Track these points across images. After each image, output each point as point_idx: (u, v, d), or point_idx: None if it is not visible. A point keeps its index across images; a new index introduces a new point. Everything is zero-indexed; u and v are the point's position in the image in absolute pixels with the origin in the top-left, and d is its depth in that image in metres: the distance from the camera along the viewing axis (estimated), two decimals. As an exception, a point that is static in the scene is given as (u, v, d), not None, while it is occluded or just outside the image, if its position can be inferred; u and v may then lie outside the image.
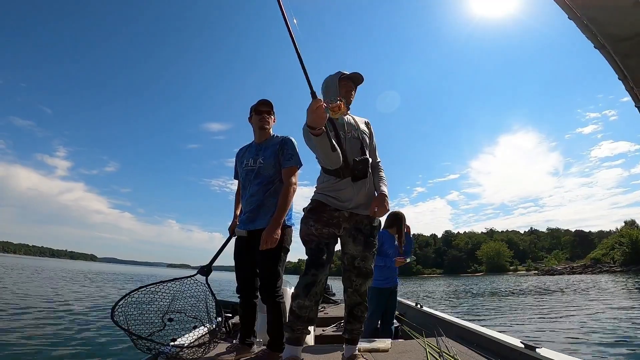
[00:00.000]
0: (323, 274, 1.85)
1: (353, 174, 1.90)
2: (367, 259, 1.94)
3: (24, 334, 4.88)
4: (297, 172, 2.27)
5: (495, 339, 2.28)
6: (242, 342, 2.28)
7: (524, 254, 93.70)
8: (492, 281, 35.21)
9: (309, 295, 1.81)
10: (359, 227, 1.95)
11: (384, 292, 3.20)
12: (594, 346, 4.89)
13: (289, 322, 1.86)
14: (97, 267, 67.44)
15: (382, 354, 2.28)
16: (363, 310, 1.98)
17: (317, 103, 1.59)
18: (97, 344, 4.68)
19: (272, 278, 2.14)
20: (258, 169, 2.27)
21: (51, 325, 5.69)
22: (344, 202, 1.91)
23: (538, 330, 6.43)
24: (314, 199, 1.98)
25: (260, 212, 2.21)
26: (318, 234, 1.89)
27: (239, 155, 2.48)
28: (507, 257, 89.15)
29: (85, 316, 6.65)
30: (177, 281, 2.26)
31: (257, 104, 2.37)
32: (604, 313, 8.28)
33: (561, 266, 58.68)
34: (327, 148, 1.74)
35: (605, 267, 46.37)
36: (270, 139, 2.36)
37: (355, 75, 1.99)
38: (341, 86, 1.97)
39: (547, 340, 5.37)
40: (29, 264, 45.73)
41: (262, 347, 2.28)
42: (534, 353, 1.90)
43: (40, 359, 3.89)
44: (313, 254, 1.87)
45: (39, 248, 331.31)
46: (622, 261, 46.36)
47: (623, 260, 46.37)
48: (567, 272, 48.11)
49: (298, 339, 1.86)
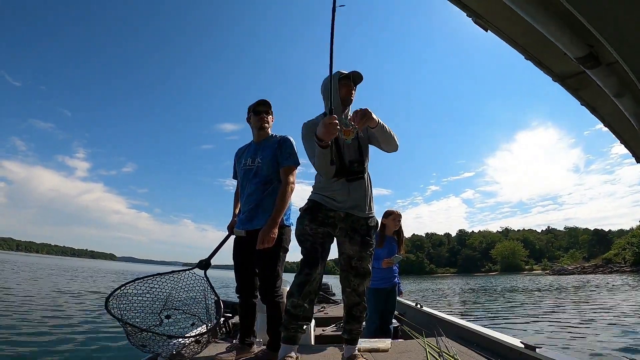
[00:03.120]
0: (317, 273, 1.86)
1: (349, 175, 1.91)
2: (364, 258, 1.94)
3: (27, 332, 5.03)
4: (295, 171, 2.28)
5: (495, 339, 2.25)
6: (242, 342, 2.29)
7: (540, 253, 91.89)
8: (502, 280, 35.21)
9: (303, 294, 1.83)
10: (355, 227, 1.94)
11: (381, 293, 3.18)
12: (594, 346, 4.88)
13: (284, 322, 1.87)
14: (116, 266, 69.16)
15: (382, 354, 2.27)
16: (362, 310, 1.98)
17: (331, 119, 1.63)
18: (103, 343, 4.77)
19: (271, 278, 2.14)
20: (256, 168, 2.27)
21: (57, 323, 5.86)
22: (340, 203, 1.91)
23: (538, 330, 6.42)
24: (311, 198, 1.99)
25: (258, 211, 2.22)
26: (313, 234, 1.89)
27: (238, 155, 2.50)
28: (523, 256, 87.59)
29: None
30: (175, 274, 2.28)
31: (255, 104, 2.38)
32: (605, 313, 8.29)
33: (572, 266, 57.87)
34: (327, 160, 1.78)
35: (616, 267, 45.76)
36: (269, 138, 2.36)
37: (354, 74, 1.98)
38: (341, 86, 1.96)
39: (547, 340, 5.37)
40: (57, 264, 47.05)
41: (262, 347, 2.28)
42: (534, 353, 1.88)
43: (39, 359, 3.96)
44: (307, 253, 1.88)
45: (60, 248, 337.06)
46: (633, 261, 45.74)
47: (634, 261, 45.74)
48: (577, 272, 47.76)
49: (293, 338, 1.87)
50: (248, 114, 2.42)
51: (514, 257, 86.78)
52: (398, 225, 3.46)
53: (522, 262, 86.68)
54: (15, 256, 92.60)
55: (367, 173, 2.02)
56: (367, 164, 2.03)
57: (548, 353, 1.83)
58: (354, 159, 1.94)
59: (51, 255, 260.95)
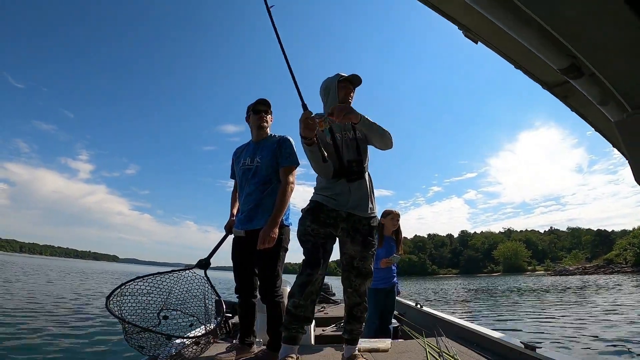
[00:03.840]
0: (319, 273, 1.86)
1: (349, 175, 1.92)
2: (365, 259, 1.95)
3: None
4: (295, 171, 2.27)
5: (495, 339, 2.25)
6: (242, 342, 2.28)
7: (543, 254, 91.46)
8: (504, 281, 35.21)
9: (304, 295, 1.83)
10: (357, 227, 1.94)
11: (381, 293, 3.18)
12: (594, 346, 4.88)
13: (285, 322, 1.87)
14: (119, 268, 69.24)
15: (382, 354, 2.27)
16: (362, 310, 1.98)
17: (305, 115, 1.72)
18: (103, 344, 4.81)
19: (271, 278, 2.14)
20: (255, 168, 2.27)
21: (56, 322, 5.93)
22: (342, 203, 1.92)
23: (538, 330, 6.42)
24: (313, 199, 2.00)
25: (257, 211, 2.21)
26: (314, 234, 1.89)
27: (236, 155, 2.49)
28: (525, 257, 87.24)
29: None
30: (175, 273, 2.28)
31: (254, 104, 2.38)
32: (604, 313, 8.29)
33: (573, 267, 57.74)
34: (318, 158, 1.82)
35: (617, 267, 45.60)
36: (268, 138, 2.36)
37: (353, 77, 2.02)
38: (340, 88, 1.99)
39: (547, 340, 5.36)
40: (62, 266, 47.21)
41: (262, 347, 2.28)
42: (534, 353, 1.88)
43: (40, 358, 3.99)
44: (309, 253, 1.89)
45: (64, 249, 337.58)
46: (634, 262, 45.58)
47: (635, 261, 45.62)
48: (579, 273, 47.66)
49: (294, 338, 1.87)
50: (247, 113, 2.42)
51: (516, 258, 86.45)
52: (397, 225, 3.45)
53: (524, 262, 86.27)
54: (19, 258, 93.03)
55: (367, 173, 2.03)
56: (367, 163, 2.04)
57: (548, 353, 1.83)
58: (353, 159, 1.95)
59: (54, 257, 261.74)
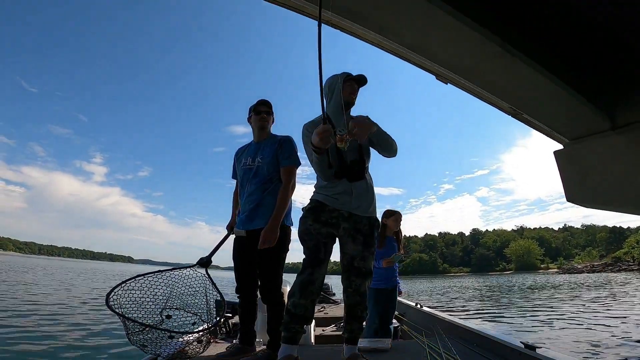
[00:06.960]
0: (320, 273, 1.87)
1: (350, 175, 1.94)
2: (366, 259, 1.94)
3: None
4: (296, 171, 2.29)
5: (495, 339, 2.23)
6: (242, 342, 2.28)
7: (556, 252, 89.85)
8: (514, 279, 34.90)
9: (305, 294, 1.83)
10: (358, 227, 1.94)
11: (382, 293, 3.17)
12: (594, 346, 4.83)
13: (285, 321, 1.88)
14: (135, 269, 70.40)
15: (382, 354, 2.27)
16: (363, 310, 1.97)
17: (324, 129, 1.65)
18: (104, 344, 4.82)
19: (272, 278, 2.15)
20: (256, 168, 2.28)
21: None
22: (343, 203, 1.92)
23: (538, 330, 6.38)
24: (314, 198, 2.00)
25: (258, 211, 2.21)
26: (316, 233, 1.90)
27: (238, 155, 2.50)
28: (538, 255, 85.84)
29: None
30: (176, 271, 2.31)
31: (256, 104, 2.40)
32: (606, 312, 8.24)
33: (582, 265, 56.76)
34: (325, 165, 1.83)
35: (624, 265, 44.86)
36: (269, 138, 2.37)
37: (360, 77, 2.03)
38: (345, 87, 1.99)
39: (548, 340, 5.31)
40: (82, 267, 48.08)
41: (262, 347, 2.28)
42: (534, 353, 1.86)
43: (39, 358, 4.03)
44: (310, 253, 1.89)
45: (81, 251, 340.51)
46: None
47: None
48: (587, 271, 47.04)
49: (293, 338, 1.87)
50: (249, 114, 2.44)
51: (528, 255, 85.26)
52: (399, 226, 3.44)
53: (537, 260, 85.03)
54: (38, 260, 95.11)
55: (368, 173, 2.04)
56: (368, 164, 2.04)
57: (548, 353, 1.80)
58: (355, 159, 1.96)
59: (72, 259, 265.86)
